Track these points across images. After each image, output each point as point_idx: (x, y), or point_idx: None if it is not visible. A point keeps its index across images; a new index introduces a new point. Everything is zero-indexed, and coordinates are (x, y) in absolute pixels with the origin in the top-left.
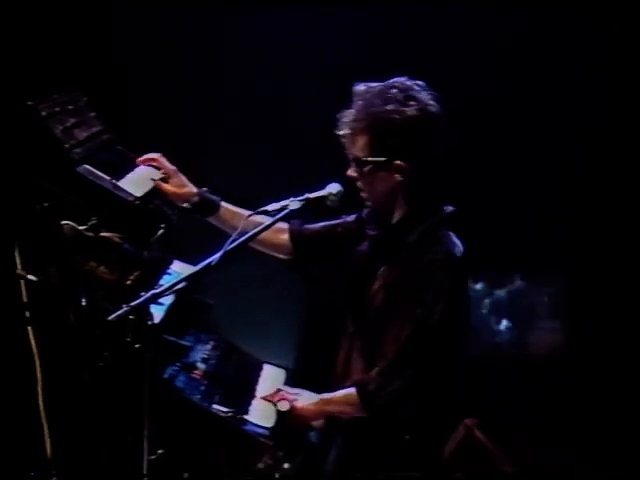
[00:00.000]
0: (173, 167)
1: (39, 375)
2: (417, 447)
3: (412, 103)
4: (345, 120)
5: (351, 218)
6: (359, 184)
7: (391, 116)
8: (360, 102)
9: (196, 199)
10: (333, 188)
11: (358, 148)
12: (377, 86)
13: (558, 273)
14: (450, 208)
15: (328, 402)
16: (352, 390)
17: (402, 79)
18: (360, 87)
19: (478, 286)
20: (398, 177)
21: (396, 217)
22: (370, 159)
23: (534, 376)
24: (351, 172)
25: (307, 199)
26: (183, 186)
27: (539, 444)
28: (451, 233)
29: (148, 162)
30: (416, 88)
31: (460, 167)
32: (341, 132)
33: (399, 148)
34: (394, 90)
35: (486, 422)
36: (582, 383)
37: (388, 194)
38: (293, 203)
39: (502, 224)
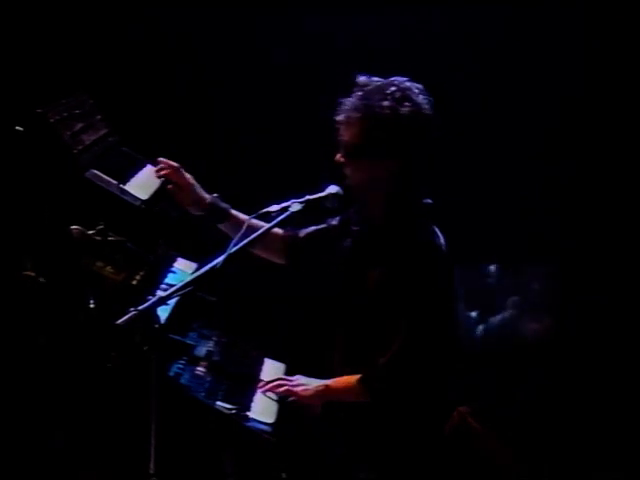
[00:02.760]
0: (189, 177)
1: (48, 375)
2: (419, 438)
3: (407, 103)
4: (343, 107)
5: (335, 221)
6: (345, 170)
7: (384, 112)
8: (359, 93)
9: (208, 207)
10: (333, 190)
11: (350, 136)
12: (378, 81)
13: (548, 266)
14: (429, 201)
15: (334, 391)
16: (357, 382)
17: (403, 79)
18: (362, 78)
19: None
20: (383, 171)
21: (379, 211)
22: (358, 148)
23: (528, 372)
24: (339, 157)
25: (307, 201)
26: (198, 196)
27: (538, 443)
28: (433, 226)
29: (166, 170)
30: (414, 90)
31: (446, 162)
32: (338, 118)
33: (387, 143)
34: (393, 88)
35: (480, 416)
36: (579, 379)
37: (371, 185)
38: (294, 205)
39: (492, 217)
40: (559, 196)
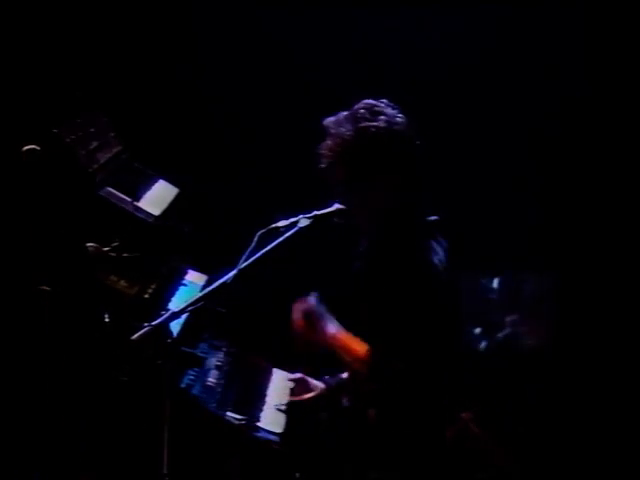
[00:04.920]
0: (304, 382)
1: (64, 385)
2: (420, 442)
3: (381, 117)
4: (323, 153)
5: None
6: (348, 203)
7: (364, 133)
8: (333, 132)
9: (327, 392)
10: (340, 205)
11: (342, 173)
12: (344, 113)
13: (546, 270)
14: (434, 217)
15: (343, 345)
16: (364, 350)
17: (366, 100)
18: (328, 120)
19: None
20: (386, 190)
21: (379, 230)
22: (356, 182)
23: (528, 374)
24: (339, 202)
25: (315, 216)
26: (317, 388)
27: (537, 444)
28: (432, 241)
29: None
30: (381, 105)
31: (444, 172)
32: (322, 165)
33: (379, 162)
34: (362, 111)
35: (482, 418)
36: (579, 384)
37: (379, 210)
38: (302, 220)
39: (488, 225)
40: (557, 201)
